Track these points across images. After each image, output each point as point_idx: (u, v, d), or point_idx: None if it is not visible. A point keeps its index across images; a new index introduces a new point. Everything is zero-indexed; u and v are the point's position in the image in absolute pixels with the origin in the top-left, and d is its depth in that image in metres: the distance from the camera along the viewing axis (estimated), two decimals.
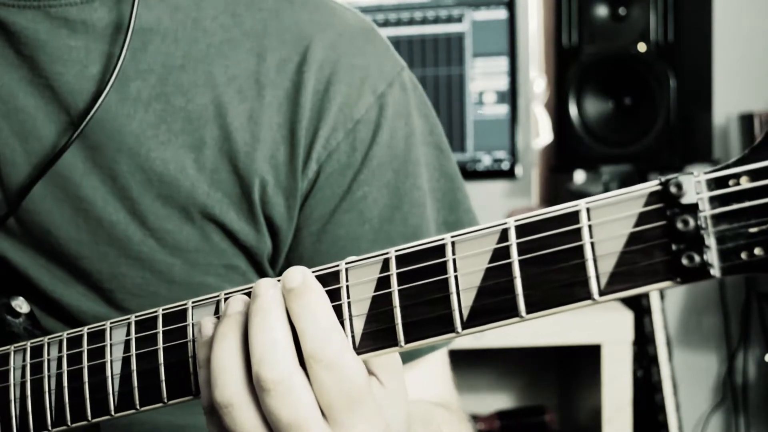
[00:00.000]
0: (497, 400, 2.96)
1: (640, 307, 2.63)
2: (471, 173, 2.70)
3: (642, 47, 2.64)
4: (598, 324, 2.27)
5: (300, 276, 0.79)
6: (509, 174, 2.71)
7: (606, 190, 2.64)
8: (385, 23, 2.69)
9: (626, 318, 2.28)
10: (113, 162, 1.05)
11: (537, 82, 2.90)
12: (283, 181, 1.08)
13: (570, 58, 2.70)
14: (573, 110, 2.70)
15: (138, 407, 0.88)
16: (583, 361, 2.52)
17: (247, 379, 0.79)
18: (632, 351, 2.32)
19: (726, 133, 2.98)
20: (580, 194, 2.71)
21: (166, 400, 0.88)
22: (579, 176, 2.83)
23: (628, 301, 2.44)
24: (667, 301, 2.91)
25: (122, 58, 1.03)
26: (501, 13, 2.67)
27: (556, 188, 2.96)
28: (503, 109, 2.69)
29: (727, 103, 2.91)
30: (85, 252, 1.07)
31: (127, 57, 1.05)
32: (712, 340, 3.03)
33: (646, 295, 2.63)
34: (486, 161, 2.71)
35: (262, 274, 1.11)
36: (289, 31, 1.09)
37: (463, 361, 2.81)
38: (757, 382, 3.01)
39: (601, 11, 2.69)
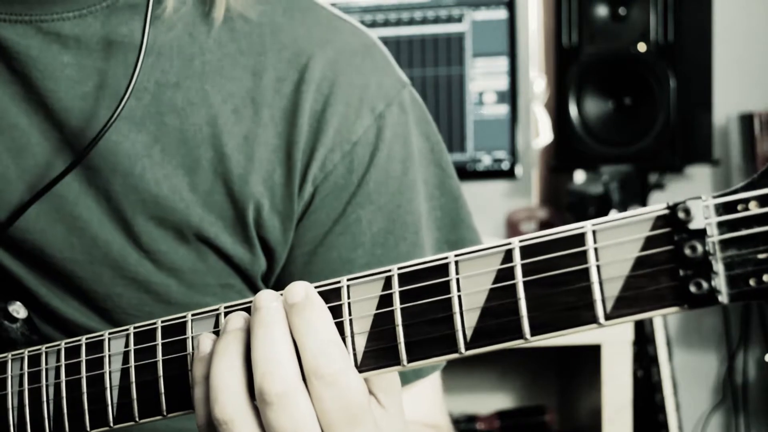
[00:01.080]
0: (497, 400, 2.96)
1: None
2: (471, 173, 2.70)
3: (642, 47, 2.64)
4: None
5: (302, 291, 0.79)
6: (509, 174, 2.71)
7: (606, 190, 2.64)
8: (385, 23, 2.68)
9: None
10: (107, 182, 1.04)
11: (537, 82, 2.90)
12: (279, 204, 1.06)
13: (570, 58, 2.70)
14: (573, 110, 2.69)
15: (137, 419, 0.88)
16: (583, 361, 2.51)
17: (247, 395, 0.79)
18: (632, 351, 2.32)
19: (726, 133, 2.98)
20: (580, 194, 2.71)
21: (165, 413, 0.87)
22: (579, 176, 2.83)
23: None
24: None
25: (134, 80, 1.01)
26: (501, 13, 2.67)
27: (556, 188, 2.96)
28: (503, 109, 2.69)
29: (727, 103, 2.91)
30: (80, 272, 1.06)
31: (121, 75, 1.04)
32: (712, 340, 3.03)
33: None
34: (486, 161, 2.70)
35: (257, 291, 1.10)
36: (287, 49, 1.07)
37: (463, 361, 2.80)
38: (757, 382, 3.01)
39: (601, 11, 2.68)
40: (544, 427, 2.77)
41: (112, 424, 0.89)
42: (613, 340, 2.27)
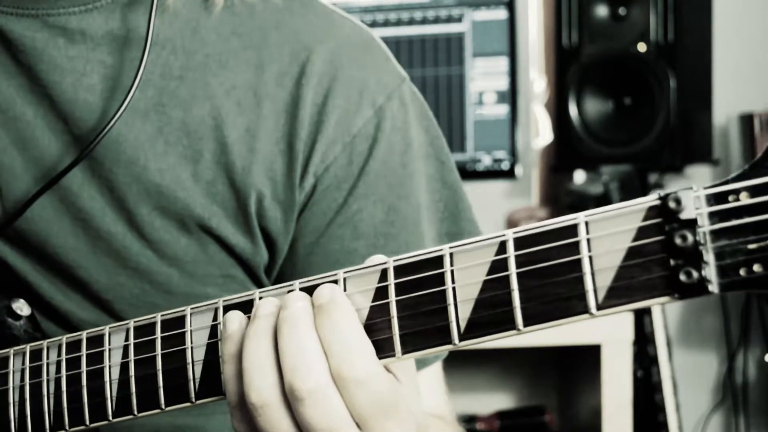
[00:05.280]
0: (497, 400, 2.96)
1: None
2: (471, 173, 2.70)
3: (642, 47, 2.64)
4: (598, 324, 2.26)
5: (328, 292, 0.79)
6: (509, 174, 2.71)
7: (606, 190, 2.64)
8: (385, 23, 2.68)
9: (626, 318, 2.28)
10: (110, 173, 1.05)
11: (537, 82, 2.90)
12: (280, 195, 1.07)
13: (570, 58, 2.70)
14: (573, 110, 2.70)
15: (135, 413, 0.89)
16: (583, 361, 2.52)
17: (281, 382, 0.80)
18: (632, 351, 2.32)
19: (726, 133, 2.98)
20: (580, 194, 2.71)
21: (163, 407, 0.88)
22: (579, 176, 2.84)
23: None
24: None
25: (140, 73, 1.02)
26: (501, 13, 2.67)
27: (556, 188, 2.96)
28: (503, 109, 2.69)
29: (727, 103, 2.91)
30: (83, 262, 1.07)
31: (126, 67, 1.05)
32: (712, 340, 3.03)
33: None
34: (486, 161, 2.71)
35: (259, 283, 1.11)
36: (289, 43, 1.09)
37: (463, 361, 2.81)
38: (757, 382, 3.01)
39: (601, 11, 2.68)
40: (544, 427, 2.77)
41: (110, 418, 0.90)
42: (613, 340, 2.27)
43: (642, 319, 2.65)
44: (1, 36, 1.05)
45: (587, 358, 2.40)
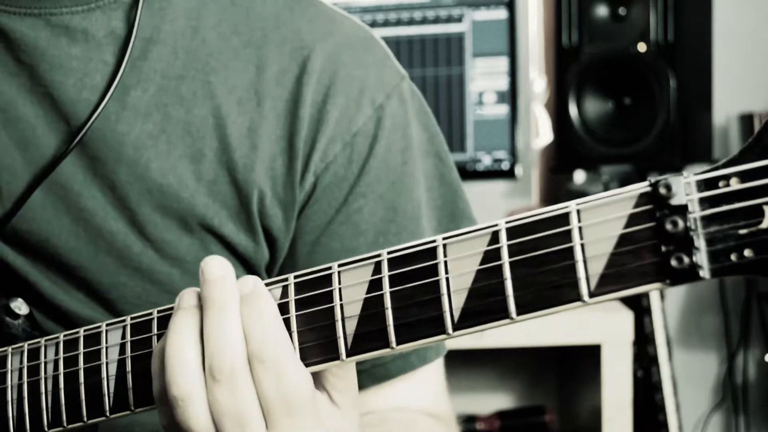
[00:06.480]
0: (497, 400, 2.96)
1: (640, 307, 2.63)
2: (471, 173, 2.70)
3: (642, 47, 2.64)
4: (598, 324, 2.26)
5: (251, 282, 0.82)
6: (509, 174, 2.71)
7: (606, 190, 2.63)
8: (385, 23, 2.68)
9: (626, 318, 2.27)
10: (112, 172, 1.05)
11: (537, 82, 2.90)
12: (280, 193, 1.08)
13: (570, 58, 2.70)
14: (573, 110, 2.69)
15: (133, 408, 0.89)
16: (583, 361, 2.51)
17: (201, 373, 0.82)
18: (632, 351, 2.31)
19: (726, 133, 2.98)
20: (580, 194, 2.71)
21: None
22: (579, 176, 2.83)
23: (627, 301, 2.43)
24: (667, 301, 2.91)
25: (123, 68, 1.04)
26: (501, 13, 2.67)
27: (556, 188, 2.96)
28: (503, 109, 2.69)
29: (727, 103, 2.91)
30: (85, 262, 1.07)
31: (128, 68, 1.05)
32: (712, 340, 3.03)
33: (645, 295, 2.63)
34: (486, 161, 2.70)
35: None
36: (289, 41, 1.09)
37: (463, 361, 2.81)
38: (757, 382, 3.01)
39: (601, 11, 2.68)
40: (544, 427, 2.76)
41: (108, 414, 0.90)
42: (613, 340, 2.27)
43: (642, 319, 2.64)
44: (2, 35, 1.05)
45: (587, 358, 2.40)
